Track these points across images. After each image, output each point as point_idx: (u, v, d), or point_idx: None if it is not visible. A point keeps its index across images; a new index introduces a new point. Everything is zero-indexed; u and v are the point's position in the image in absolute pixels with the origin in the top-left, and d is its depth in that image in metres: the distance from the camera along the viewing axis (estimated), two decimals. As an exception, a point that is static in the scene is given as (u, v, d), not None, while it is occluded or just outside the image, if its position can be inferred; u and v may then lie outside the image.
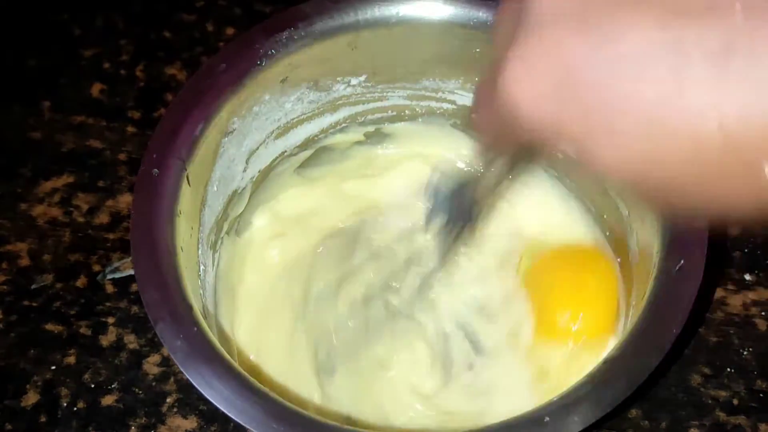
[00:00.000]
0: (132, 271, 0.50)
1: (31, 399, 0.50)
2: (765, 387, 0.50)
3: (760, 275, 0.53)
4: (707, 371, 0.50)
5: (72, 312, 0.52)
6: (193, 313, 0.40)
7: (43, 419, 0.49)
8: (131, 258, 0.41)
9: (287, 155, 0.53)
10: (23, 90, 0.61)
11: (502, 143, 0.34)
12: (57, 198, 0.56)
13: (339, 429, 0.37)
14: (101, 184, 0.57)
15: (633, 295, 0.45)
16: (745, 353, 0.51)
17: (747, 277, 0.53)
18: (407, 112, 0.54)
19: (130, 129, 0.59)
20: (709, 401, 0.49)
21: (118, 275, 0.53)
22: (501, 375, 0.48)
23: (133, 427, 0.49)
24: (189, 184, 0.44)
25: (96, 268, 0.54)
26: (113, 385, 0.50)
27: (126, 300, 0.53)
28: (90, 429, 0.49)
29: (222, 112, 0.46)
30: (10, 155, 0.58)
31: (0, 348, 0.51)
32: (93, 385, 0.50)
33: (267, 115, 0.49)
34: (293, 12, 0.47)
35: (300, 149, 0.53)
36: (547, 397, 0.38)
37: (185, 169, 0.44)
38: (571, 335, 0.47)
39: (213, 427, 0.49)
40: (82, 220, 0.56)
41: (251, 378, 0.38)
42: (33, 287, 0.53)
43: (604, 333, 0.47)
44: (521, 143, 0.31)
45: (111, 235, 0.55)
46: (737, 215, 0.27)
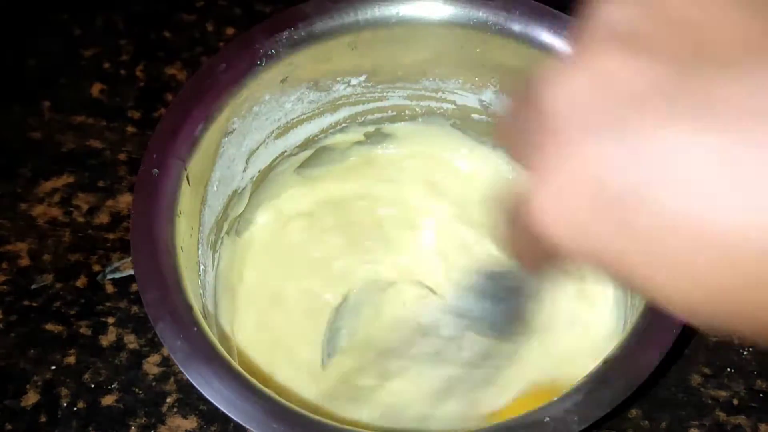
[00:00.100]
0: (132, 271, 0.50)
1: (31, 399, 0.50)
2: (765, 387, 0.50)
3: (760, 275, 0.53)
4: (707, 371, 0.50)
5: (72, 312, 0.52)
6: (193, 313, 0.40)
7: (43, 419, 0.49)
8: (131, 258, 0.41)
9: (287, 155, 0.53)
10: (23, 90, 0.61)
11: (536, 258, 0.28)
12: (57, 198, 0.56)
13: (339, 429, 0.37)
14: (101, 184, 0.57)
15: (633, 295, 0.45)
16: (745, 353, 0.51)
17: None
18: (407, 112, 0.54)
19: (130, 129, 0.59)
20: (709, 401, 0.49)
21: (118, 275, 0.53)
22: None
23: (133, 427, 0.49)
24: (189, 184, 0.44)
25: (96, 268, 0.54)
26: (113, 385, 0.50)
27: (126, 300, 0.53)
28: (90, 429, 0.49)
29: (222, 112, 0.46)
30: (10, 155, 0.58)
31: (0, 348, 0.51)
32: (93, 385, 0.50)
33: (267, 115, 0.49)
34: (293, 12, 0.47)
35: (300, 149, 0.53)
36: None
37: (185, 169, 0.44)
38: None
39: (213, 427, 0.49)
40: (82, 220, 0.56)
41: (251, 378, 0.38)
42: (33, 287, 0.53)
43: None
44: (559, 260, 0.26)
45: (111, 235, 0.55)
46: None
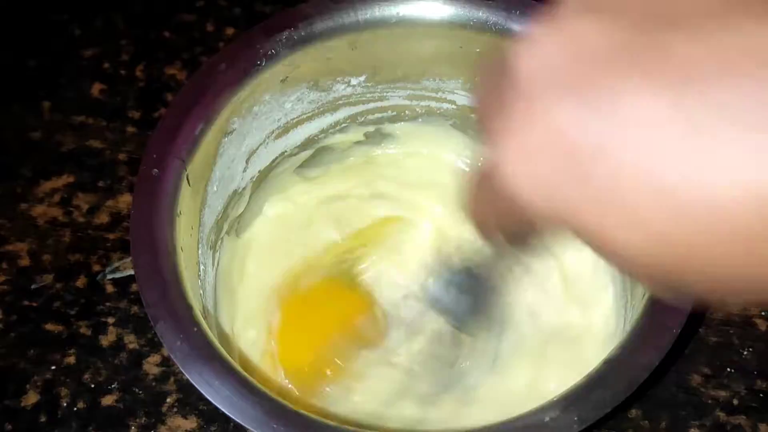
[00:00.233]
0: (132, 271, 0.50)
1: (31, 399, 0.50)
2: (765, 387, 0.50)
3: (760, 275, 0.53)
4: (707, 371, 0.50)
5: (72, 312, 0.52)
6: (193, 313, 0.40)
7: (43, 419, 0.49)
8: (131, 258, 0.41)
9: (287, 155, 0.53)
10: (23, 90, 0.61)
11: (505, 229, 0.30)
12: (57, 198, 0.56)
13: (339, 429, 0.37)
14: (101, 184, 0.57)
15: (633, 295, 0.45)
16: (745, 353, 0.51)
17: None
18: (407, 112, 0.54)
19: (130, 129, 0.59)
20: (709, 401, 0.49)
21: (118, 275, 0.53)
22: None
23: (133, 427, 0.49)
24: (189, 184, 0.44)
25: (96, 268, 0.54)
26: (113, 385, 0.50)
27: (126, 300, 0.53)
28: (90, 429, 0.49)
29: (222, 112, 0.46)
30: (10, 155, 0.58)
31: (0, 348, 0.51)
32: (93, 385, 0.50)
33: (267, 115, 0.49)
34: (293, 12, 0.47)
35: (300, 149, 0.53)
36: None
37: (185, 169, 0.44)
38: None
39: (213, 427, 0.49)
40: (82, 220, 0.56)
41: (251, 378, 0.38)
42: (33, 287, 0.53)
43: None
44: (528, 228, 0.27)
45: (111, 235, 0.55)
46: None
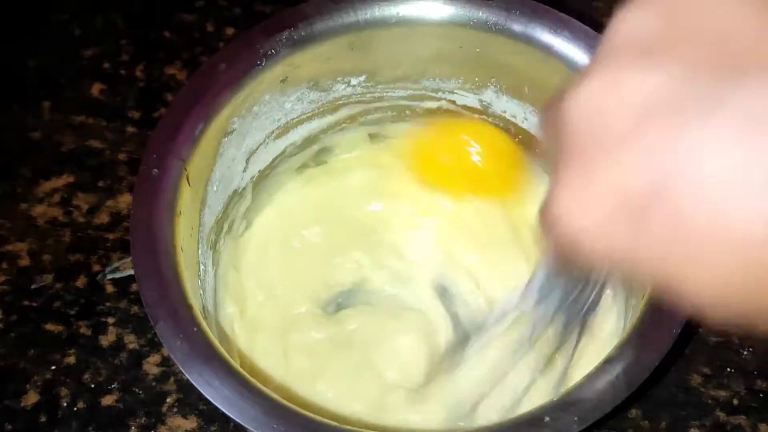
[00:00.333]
0: (132, 271, 0.50)
1: (31, 399, 0.50)
2: (765, 387, 0.50)
3: (760, 275, 0.53)
4: (707, 371, 0.50)
5: (72, 312, 0.52)
6: (193, 313, 0.40)
7: (43, 419, 0.49)
8: (131, 258, 0.41)
9: (287, 155, 0.53)
10: (23, 90, 0.61)
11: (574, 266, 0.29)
12: (57, 198, 0.56)
13: (339, 429, 0.37)
14: (101, 184, 0.57)
15: (633, 295, 0.45)
16: (745, 353, 0.51)
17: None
18: (407, 112, 0.54)
19: (130, 129, 0.59)
20: (709, 401, 0.49)
21: (118, 275, 0.53)
22: None
23: (133, 427, 0.49)
24: (189, 184, 0.44)
25: (96, 268, 0.54)
26: (113, 385, 0.50)
27: (126, 300, 0.53)
28: (90, 429, 0.49)
29: (222, 112, 0.46)
30: (10, 155, 0.58)
31: (0, 348, 0.51)
32: (93, 385, 0.50)
33: (267, 115, 0.49)
34: (293, 12, 0.47)
35: (300, 149, 0.53)
36: None
37: (185, 169, 0.44)
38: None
39: (213, 427, 0.49)
40: (82, 220, 0.56)
41: (251, 378, 0.38)
42: (33, 287, 0.53)
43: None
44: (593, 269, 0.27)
45: (111, 235, 0.55)
46: None
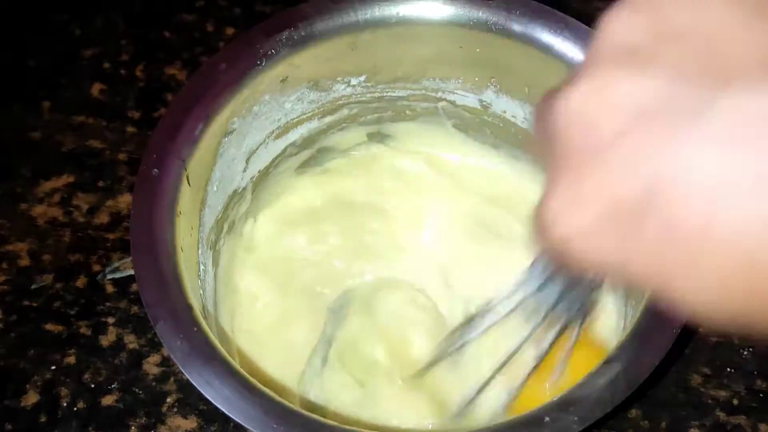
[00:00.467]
0: (132, 271, 0.50)
1: (31, 399, 0.50)
2: (765, 387, 0.50)
3: (760, 275, 0.53)
4: (707, 371, 0.50)
5: (72, 312, 0.52)
6: (193, 313, 0.40)
7: (43, 419, 0.49)
8: (131, 258, 0.41)
9: (287, 155, 0.53)
10: (23, 90, 0.61)
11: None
12: (57, 198, 0.56)
13: (339, 429, 0.37)
14: (101, 184, 0.57)
15: (633, 295, 0.45)
16: (745, 353, 0.51)
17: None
18: (407, 112, 0.54)
19: (130, 129, 0.59)
20: (709, 401, 0.49)
21: (118, 275, 0.53)
22: None
23: (133, 427, 0.49)
24: (189, 184, 0.44)
25: (96, 268, 0.54)
26: (113, 385, 0.50)
27: (126, 300, 0.53)
28: (90, 429, 0.49)
29: (222, 112, 0.46)
30: (10, 155, 0.58)
31: (0, 348, 0.51)
32: (93, 385, 0.50)
33: (267, 115, 0.49)
34: (293, 12, 0.47)
35: (300, 149, 0.53)
36: None
37: (185, 169, 0.44)
38: None
39: (213, 427, 0.49)
40: (82, 220, 0.56)
41: (251, 378, 0.38)
42: (33, 287, 0.53)
43: None
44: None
45: (111, 235, 0.55)
46: None
